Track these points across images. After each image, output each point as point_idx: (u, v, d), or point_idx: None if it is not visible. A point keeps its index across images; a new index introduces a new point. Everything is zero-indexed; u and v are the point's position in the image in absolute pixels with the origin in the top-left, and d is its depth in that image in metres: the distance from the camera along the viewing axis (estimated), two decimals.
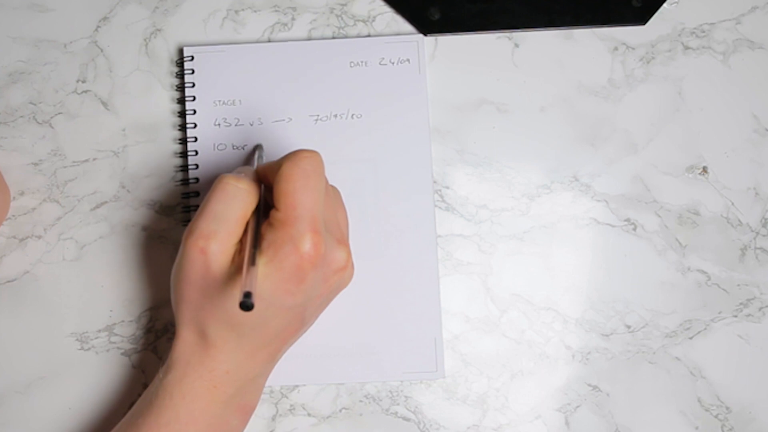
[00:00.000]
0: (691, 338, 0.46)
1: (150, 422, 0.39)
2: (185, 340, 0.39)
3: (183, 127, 0.47)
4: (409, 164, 0.46)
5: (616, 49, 0.48)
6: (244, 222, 0.38)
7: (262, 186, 0.40)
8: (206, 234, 0.37)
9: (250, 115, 0.47)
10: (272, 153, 0.46)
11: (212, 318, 0.38)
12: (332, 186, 0.42)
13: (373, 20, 0.48)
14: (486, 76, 0.48)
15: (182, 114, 0.47)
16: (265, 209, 0.38)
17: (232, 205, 0.37)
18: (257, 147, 0.45)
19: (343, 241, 0.39)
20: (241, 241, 0.37)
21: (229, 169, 0.46)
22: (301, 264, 0.36)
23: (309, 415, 0.46)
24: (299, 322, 0.39)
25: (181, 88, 0.48)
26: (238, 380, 0.39)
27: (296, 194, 0.36)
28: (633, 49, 0.48)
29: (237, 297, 0.35)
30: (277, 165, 0.37)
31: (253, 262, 0.34)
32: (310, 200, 0.36)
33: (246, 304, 0.32)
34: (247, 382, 0.40)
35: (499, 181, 0.47)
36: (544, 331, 0.46)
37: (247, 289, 0.32)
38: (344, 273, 0.39)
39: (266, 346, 0.39)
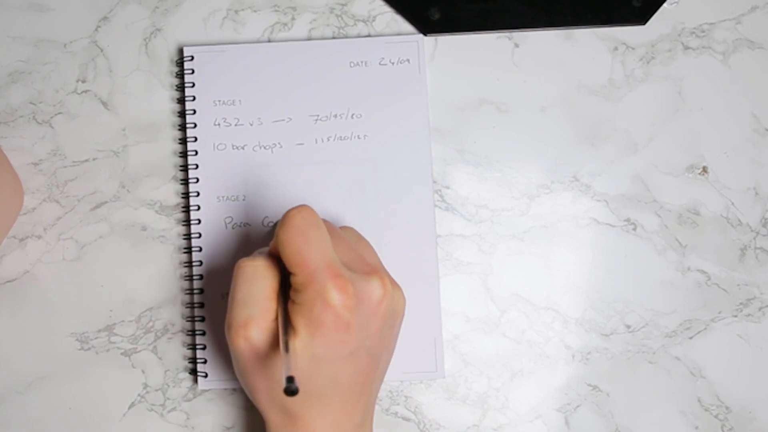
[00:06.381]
0: (691, 338, 0.46)
1: None
2: (275, 423, 0.39)
3: (183, 127, 0.47)
4: (409, 164, 0.46)
5: (616, 48, 0.48)
6: (274, 296, 0.38)
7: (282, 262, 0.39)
8: (243, 323, 0.37)
9: (250, 115, 0.47)
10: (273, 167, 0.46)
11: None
12: (347, 227, 0.42)
13: (373, 20, 0.48)
14: (486, 76, 0.48)
15: (182, 114, 0.47)
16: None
17: (255, 285, 0.38)
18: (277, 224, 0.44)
19: (373, 271, 0.38)
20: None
21: (229, 169, 0.46)
22: (338, 313, 0.36)
23: None
24: (369, 361, 0.38)
25: (181, 87, 0.48)
26: None
27: (302, 253, 0.36)
28: (633, 48, 0.48)
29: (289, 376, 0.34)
30: (276, 234, 0.38)
31: (287, 348, 0.34)
32: (317, 252, 0.36)
33: (290, 389, 0.32)
34: (352, 430, 0.39)
35: (500, 181, 0.47)
36: (544, 331, 0.46)
37: (288, 374, 0.33)
38: (388, 300, 0.38)
39: (349, 396, 0.38)
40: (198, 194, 0.46)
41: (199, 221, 0.46)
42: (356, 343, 0.37)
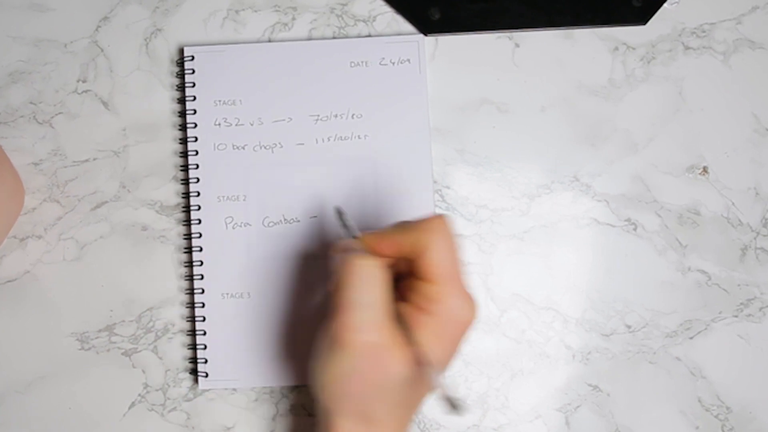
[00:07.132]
0: (691, 338, 0.46)
1: None
2: (343, 429, 0.38)
3: (183, 127, 0.47)
4: (409, 164, 0.46)
5: (616, 48, 0.48)
6: (390, 298, 0.37)
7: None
8: (364, 327, 0.36)
9: (250, 115, 0.47)
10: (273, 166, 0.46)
11: (382, 402, 0.37)
12: None
13: (374, 20, 0.48)
14: (486, 76, 0.48)
15: (182, 114, 0.47)
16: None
17: (372, 287, 0.37)
18: (338, 212, 0.41)
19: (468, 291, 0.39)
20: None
21: (230, 169, 0.46)
22: (465, 331, 0.37)
23: (309, 415, 0.46)
24: None
25: (181, 87, 0.48)
26: None
27: (455, 266, 0.37)
28: (633, 49, 0.48)
29: (430, 386, 0.35)
30: (413, 237, 0.37)
31: (430, 364, 0.35)
32: (460, 266, 0.37)
33: (458, 406, 0.34)
34: None
35: (500, 181, 0.47)
36: (545, 330, 0.46)
37: (447, 393, 0.34)
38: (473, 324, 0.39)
39: (418, 408, 0.39)
40: (198, 194, 0.46)
41: (200, 221, 0.46)
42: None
